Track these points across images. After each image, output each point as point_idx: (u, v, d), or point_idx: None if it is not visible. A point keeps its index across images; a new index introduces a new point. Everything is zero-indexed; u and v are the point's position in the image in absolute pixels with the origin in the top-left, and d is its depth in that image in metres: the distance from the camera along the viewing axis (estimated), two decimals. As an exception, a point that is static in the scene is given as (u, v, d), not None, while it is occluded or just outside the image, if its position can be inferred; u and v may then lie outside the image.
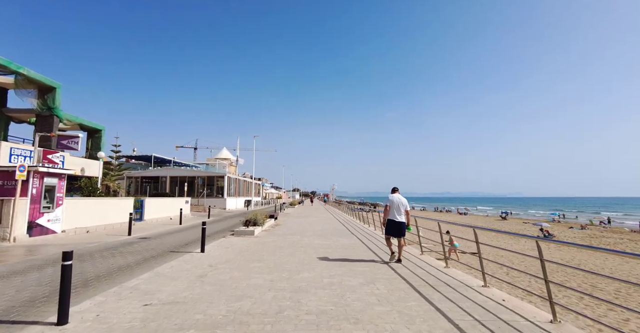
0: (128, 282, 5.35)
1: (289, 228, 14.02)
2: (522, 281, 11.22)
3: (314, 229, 13.89)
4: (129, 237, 11.60)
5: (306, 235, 11.70)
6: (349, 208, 28.88)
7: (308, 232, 12.88)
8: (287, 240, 10.35)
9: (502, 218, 56.24)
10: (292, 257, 7.61)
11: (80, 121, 20.11)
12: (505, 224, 45.22)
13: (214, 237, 11.75)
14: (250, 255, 7.80)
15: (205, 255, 7.76)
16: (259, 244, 9.50)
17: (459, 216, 64.15)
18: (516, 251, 6.54)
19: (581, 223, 43.58)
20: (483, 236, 27.47)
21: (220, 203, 31.02)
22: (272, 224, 15.77)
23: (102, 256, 8.22)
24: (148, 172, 32.97)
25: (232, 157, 53.82)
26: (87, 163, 20.59)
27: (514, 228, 39.81)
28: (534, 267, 13.37)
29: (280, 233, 12.40)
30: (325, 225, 16.07)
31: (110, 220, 13.43)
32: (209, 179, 32.35)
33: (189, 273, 5.96)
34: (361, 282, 5.41)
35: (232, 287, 5.03)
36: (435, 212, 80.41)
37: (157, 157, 40.81)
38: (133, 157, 40.65)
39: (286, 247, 8.98)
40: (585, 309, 8.47)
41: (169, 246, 9.80)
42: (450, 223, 9.36)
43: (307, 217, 22.19)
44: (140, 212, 16.09)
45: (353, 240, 10.74)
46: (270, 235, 11.63)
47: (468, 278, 5.88)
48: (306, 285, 5.22)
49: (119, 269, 6.81)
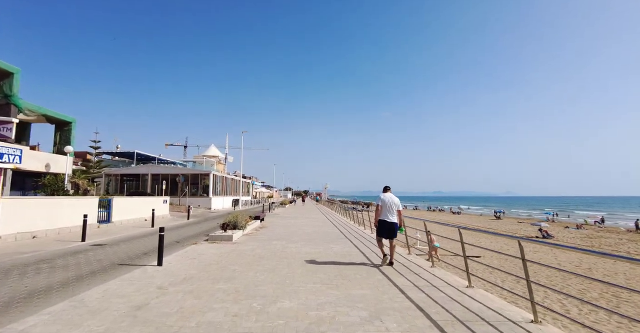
0: (17, 322, 3.64)
1: (275, 232, 12.38)
2: (510, 282, 9.98)
3: (303, 233, 12.29)
4: (81, 243, 9.76)
5: (293, 241, 10.09)
6: (342, 207, 27.41)
7: (296, 236, 11.27)
8: (269, 248, 8.73)
9: (496, 217, 55.44)
10: (271, 273, 5.99)
11: (44, 112, 18.10)
12: (500, 224, 44.26)
13: (184, 244, 10.06)
14: (219, 270, 6.16)
15: (162, 270, 6.09)
16: (234, 254, 7.86)
17: (453, 215, 63.23)
18: (499, 251, 6.11)
19: (576, 223, 42.86)
20: (476, 237, 26.33)
21: (205, 203, 29.12)
22: (257, 227, 14.11)
23: (25, 272, 6.44)
24: (128, 170, 30.86)
25: (221, 155, 51.81)
26: (53, 158, 18.60)
27: (509, 227, 38.85)
28: (530, 268, 12.04)
29: (263, 238, 10.76)
30: (316, 227, 14.49)
31: (65, 223, 11.53)
32: (193, 177, 30.32)
33: (123, 302, 4.29)
34: (363, 317, 3.83)
35: (172, 332, 3.39)
36: (428, 211, 79.53)
37: (141, 154, 38.68)
38: (115, 153, 38.39)
39: (267, 258, 7.36)
40: (576, 312, 7.28)
41: (122, 256, 8.06)
42: (437, 223, 8.53)
43: (297, 217, 20.57)
44: (108, 213, 14.23)
45: (347, 246, 9.18)
46: (251, 241, 9.99)
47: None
48: (284, 325, 3.61)
49: (29, 295, 5.04)
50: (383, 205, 6.73)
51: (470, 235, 25.53)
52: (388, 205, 6.71)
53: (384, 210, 6.72)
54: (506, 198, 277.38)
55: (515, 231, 34.28)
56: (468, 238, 24.53)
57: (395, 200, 6.81)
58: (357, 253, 8.05)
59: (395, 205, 6.75)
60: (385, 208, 6.70)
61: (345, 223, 17.32)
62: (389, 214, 6.68)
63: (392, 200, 6.76)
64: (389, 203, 6.73)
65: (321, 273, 5.95)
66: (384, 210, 6.72)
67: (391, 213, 6.69)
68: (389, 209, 6.69)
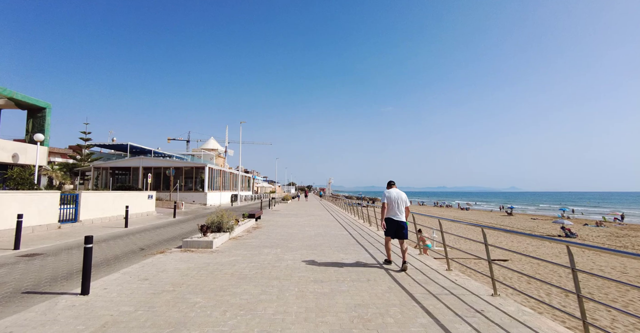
0: None
1: (270, 235, 10.14)
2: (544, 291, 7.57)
3: (305, 236, 10.04)
4: (11, 252, 7.46)
5: (291, 248, 7.85)
6: (347, 203, 25.24)
7: (295, 241, 9.02)
8: (258, 260, 6.49)
9: (508, 214, 53.10)
10: (249, 314, 3.73)
11: (11, 95, 15.90)
12: (513, 220, 41.92)
13: (149, 252, 7.84)
14: (169, 306, 3.91)
15: (77, 307, 3.86)
16: (206, 271, 5.62)
17: (461, 211, 60.86)
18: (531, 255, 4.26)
19: (596, 220, 40.32)
20: (495, 236, 24.01)
21: (201, 199, 26.91)
22: (250, 227, 11.89)
23: None
24: (118, 162, 28.65)
25: (220, 148, 49.58)
26: (23, 148, 16.48)
27: (524, 224, 36.49)
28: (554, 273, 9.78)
29: (254, 243, 8.53)
30: (321, 228, 12.24)
31: (9, 224, 9.29)
32: (187, 171, 27.98)
33: None
34: None
35: None
36: (435, 207, 77.17)
37: (135, 147, 36.51)
38: (108, 146, 36.16)
39: (250, 279, 5.11)
40: None
41: (45, 275, 5.75)
42: (454, 222, 6.88)
43: (298, 215, 18.34)
44: (74, 211, 12.04)
45: (363, 257, 6.92)
46: (237, 248, 7.75)
47: None
48: None
49: None
50: (389, 202, 6.15)
51: (490, 235, 23.17)
52: (395, 202, 6.13)
53: (390, 207, 6.14)
54: (510, 194, 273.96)
55: (533, 229, 31.93)
56: (488, 239, 22.16)
57: (402, 195, 6.22)
58: (379, 273, 5.78)
59: (403, 201, 6.16)
60: (392, 205, 6.13)
61: (353, 222, 15.06)
62: (397, 211, 6.09)
63: (398, 196, 6.17)
64: (395, 199, 6.14)
65: (331, 315, 3.70)
66: (390, 207, 6.14)
67: (399, 210, 6.10)
68: (396, 206, 6.10)
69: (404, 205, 6.17)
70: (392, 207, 6.15)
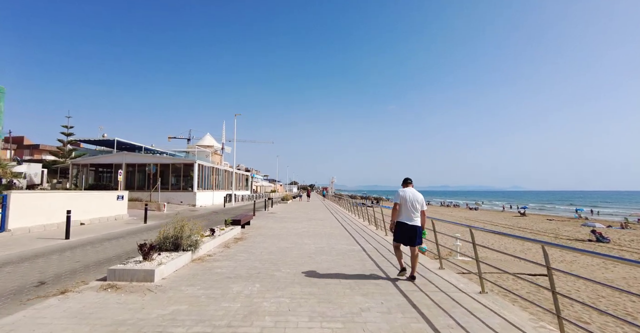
0: None
1: (254, 252, 7.29)
2: None
3: (301, 253, 7.20)
4: None
5: (277, 281, 5.00)
6: (352, 203, 22.50)
7: (286, 264, 6.16)
8: (214, 315, 3.66)
9: (521, 214, 50.19)
10: None
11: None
12: (528, 222, 38.95)
13: (49, 288, 4.98)
14: None
15: None
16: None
17: (470, 211, 57.91)
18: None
19: (620, 222, 37.22)
20: (522, 244, 20.99)
21: (189, 199, 24.08)
22: (231, 239, 9.07)
23: None
24: (98, 159, 25.91)
25: (217, 145, 46.80)
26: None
27: (542, 226, 33.47)
28: None
29: (224, 270, 5.68)
30: (324, 238, 9.40)
31: None
32: (174, 168, 25.08)
33: None
34: None
35: None
36: (442, 206, 74.16)
37: (124, 143, 33.53)
38: (94, 141, 33.13)
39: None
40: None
41: None
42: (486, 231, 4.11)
43: (297, 219, 15.54)
44: (2, 217, 9.21)
45: (392, 301, 4.09)
46: (192, 282, 4.92)
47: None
48: None
49: None
50: (403, 203, 5.23)
51: (512, 243, 20.05)
52: (410, 204, 5.20)
53: (404, 209, 5.24)
54: (514, 193, 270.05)
55: (557, 232, 28.90)
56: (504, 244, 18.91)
57: (419, 196, 5.31)
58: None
59: (419, 203, 5.25)
60: (406, 207, 5.21)
61: (362, 228, 12.22)
62: (412, 215, 5.19)
63: (414, 197, 5.26)
64: (411, 201, 5.22)
65: None
66: (404, 209, 5.24)
67: (414, 213, 5.20)
68: (411, 209, 5.20)
69: (420, 207, 5.29)
70: (407, 209, 5.26)
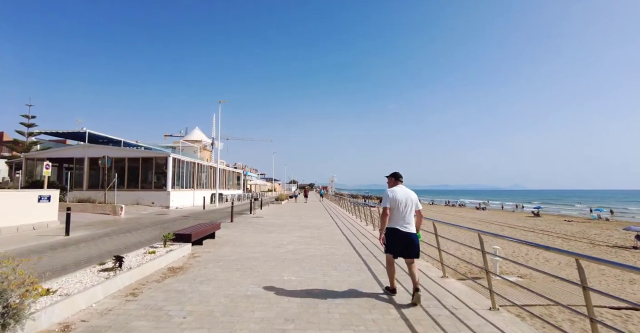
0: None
1: (182, 311, 3.60)
2: None
3: (274, 314, 3.49)
4: None
5: None
6: (354, 204, 18.86)
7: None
8: None
9: (535, 214, 46.61)
10: None
11: None
12: (546, 223, 35.23)
13: None
14: None
15: None
16: None
17: (478, 212, 54.26)
18: None
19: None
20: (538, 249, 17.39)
21: (162, 199, 20.17)
22: (163, 268, 5.31)
23: None
24: (56, 152, 22.07)
25: (206, 140, 43.08)
26: None
27: (563, 228, 29.75)
28: None
29: None
30: (318, 268, 5.59)
31: None
32: (145, 162, 21.13)
33: None
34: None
35: None
36: (448, 206, 70.49)
37: (96, 135, 29.25)
38: (61, 134, 29.01)
39: None
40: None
41: None
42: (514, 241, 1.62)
43: (286, 227, 11.78)
44: None
45: None
46: None
47: None
48: None
49: None
50: (393, 206, 4.09)
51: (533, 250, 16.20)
52: (402, 206, 4.07)
53: (396, 213, 4.08)
54: (515, 192, 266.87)
55: (586, 236, 25.19)
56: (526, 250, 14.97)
57: (412, 196, 4.19)
58: None
59: (413, 203, 4.13)
60: (399, 210, 4.06)
61: (375, 243, 8.48)
62: (406, 219, 4.04)
63: (407, 197, 4.13)
64: (404, 201, 4.09)
65: None
66: (396, 213, 4.08)
67: (408, 217, 4.06)
68: (405, 211, 4.05)
69: (414, 208, 4.13)
70: (400, 212, 4.05)
